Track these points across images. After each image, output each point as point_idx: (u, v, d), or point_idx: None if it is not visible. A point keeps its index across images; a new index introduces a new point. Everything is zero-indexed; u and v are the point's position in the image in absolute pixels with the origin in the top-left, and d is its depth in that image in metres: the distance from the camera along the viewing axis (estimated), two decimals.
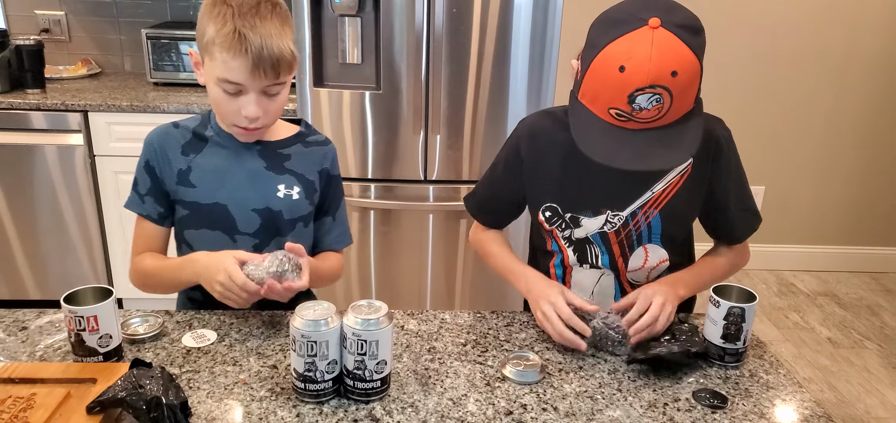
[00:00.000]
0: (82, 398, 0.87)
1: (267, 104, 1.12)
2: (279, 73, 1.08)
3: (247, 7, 1.06)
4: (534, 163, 1.25)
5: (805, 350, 2.68)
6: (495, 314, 1.22)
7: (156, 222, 1.20)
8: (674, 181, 1.18)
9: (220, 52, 1.06)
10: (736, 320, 1.04)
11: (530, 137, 1.26)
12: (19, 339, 1.08)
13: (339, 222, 1.31)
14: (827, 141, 3.21)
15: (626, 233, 1.21)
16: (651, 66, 0.97)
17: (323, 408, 0.93)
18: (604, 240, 1.22)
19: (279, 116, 1.19)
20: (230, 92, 1.09)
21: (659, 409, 0.96)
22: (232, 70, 1.07)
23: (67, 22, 2.82)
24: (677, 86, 0.99)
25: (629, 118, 1.02)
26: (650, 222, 1.20)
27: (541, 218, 1.26)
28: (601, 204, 1.20)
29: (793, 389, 1.02)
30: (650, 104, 1.00)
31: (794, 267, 3.33)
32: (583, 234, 1.23)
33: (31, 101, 2.35)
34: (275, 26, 1.07)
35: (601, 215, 1.20)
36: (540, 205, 1.25)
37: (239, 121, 1.12)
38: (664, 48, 0.97)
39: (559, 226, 1.24)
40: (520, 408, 0.95)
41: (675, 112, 1.02)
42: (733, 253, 1.28)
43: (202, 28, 1.09)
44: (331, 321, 0.92)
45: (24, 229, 2.49)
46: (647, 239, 1.21)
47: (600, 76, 1.02)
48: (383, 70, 2.27)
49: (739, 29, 3.02)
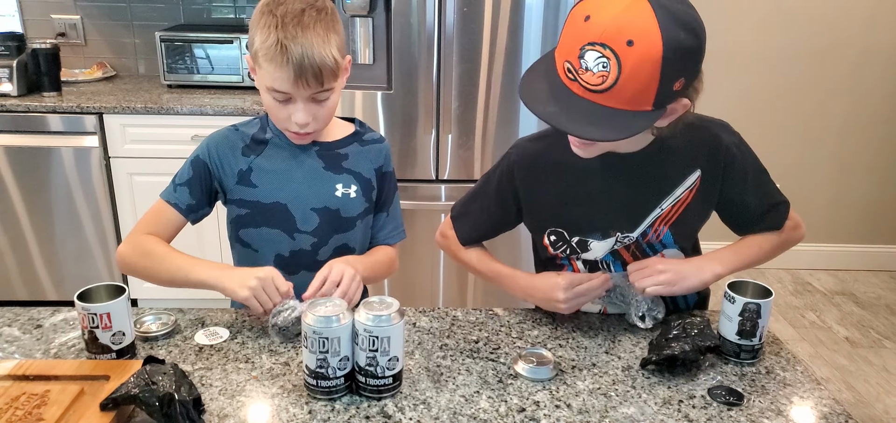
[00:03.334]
0: (95, 395, 0.87)
1: (316, 110, 1.13)
2: (323, 81, 1.09)
3: (291, 16, 1.07)
4: (532, 191, 1.20)
5: (822, 350, 2.64)
6: (507, 312, 1.21)
7: (181, 212, 1.20)
8: (683, 197, 1.14)
9: (264, 63, 1.09)
10: (751, 316, 1.03)
11: (525, 164, 1.20)
12: (34, 337, 1.09)
13: (392, 218, 1.33)
14: (843, 138, 3.16)
15: (637, 246, 1.18)
16: (610, 24, 0.89)
17: (335, 405, 0.93)
18: (616, 256, 1.19)
19: (331, 119, 1.21)
20: (279, 100, 1.12)
21: (674, 406, 0.95)
22: (277, 80, 1.09)
23: (83, 26, 2.86)
24: (629, 59, 0.89)
25: (575, 78, 0.94)
26: (661, 238, 1.17)
27: (545, 242, 1.21)
28: (610, 227, 1.16)
29: (810, 386, 1.01)
30: (596, 67, 0.91)
31: (811, 266, 3.29)
32: (592, 257, 1.19)
33: (48, 103, 2.38)
34: (318, 35, 1.08)
35: (611, 236, 1.16)
36: (543, 230, 1.21)
37: (290, 126, 1.15)
38: (633, 15, 0.89)
39: (563, 251, 1.20)
40: (533, 405, 0.94)
41: (621, 93, 0.91)
42: (783, 231, 1.21)
43: (251, 37, 1.12)
44: (342, 318, 0.92)
45: (41, 231, 2.52)
46: (662, 247, 1.19)
47: (569, 23, 0.96)
48: (395, 70, 2.27)
49: (754, 25, 2.98)
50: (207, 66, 2.61)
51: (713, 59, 3.36)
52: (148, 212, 1.21)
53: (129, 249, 1.17)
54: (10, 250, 2.54)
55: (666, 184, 1.14)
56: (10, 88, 2.41)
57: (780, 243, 1.22)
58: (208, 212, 1.25)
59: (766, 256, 1.21)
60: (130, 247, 1.17)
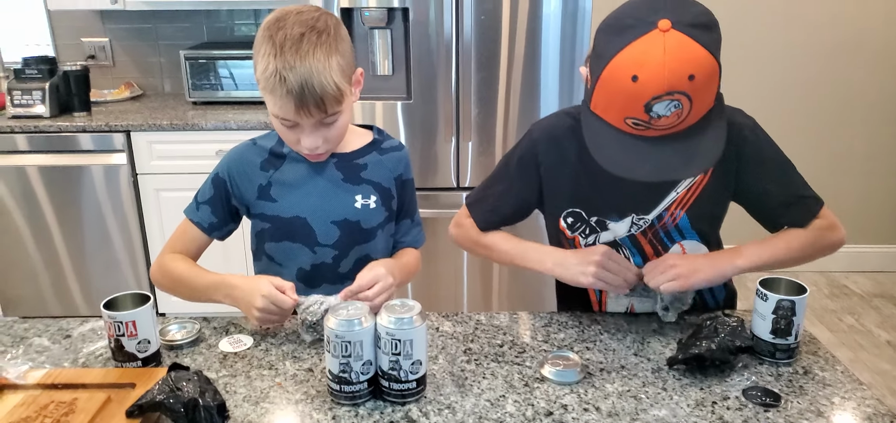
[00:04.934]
0: (122, 402, 0.88)
1: (325, 133, 1.11)
2: (326, 109, 1.06)
3: (290, 42, 1.03)
4: (554, 166, 1.20)
5: (863, 354, 2.55)
6: (532, 315, 1.19)
7: (204, 231, 1.21)
8: (697, 180, 1.14)
9: (265, 93, 1.07)
10: (786, 314, 0.99)
11: (549, 139, 1.20)
12: (63, 346, 1.10)
13: (416, 223, 1.33)
14: (872, 135, 3.07)
15: (654, 233, 1.17)
16: (666, 72, 0.91)
17: (358, 410, 0.92)
18: (633, 242, 1.18)
19: (342, 139, 1.18)
20: (286, 126, 1.10)
21: (707, 407, 0.92)
22: (280, 107, 1.07)
23: (111, 48, 2.93)
24: (696, 89, 0.93)
25: (647, 127, 0.97)
26: (678, 222, 1.16)
27: (562, 225, 1.21)
28: (627, 207, 1.16)
29: (852, 386, 0.96)
30: (669, 111, 0.94)
31: (845, 268, 3.19)
32: (610, 237, 1.18)
33: (78, 123, 2.44)
34: (318, 60, 1.03)
35: (627, 217, 1.17)
36: (561, 211, 1.20)
37: (301, 150, 1.14)
38: (678, 52, 0.91)
39: (582, 232, 1.19)
40: (560, 409, 0.92)
41: (695, 114, 0.96)
42: (814, 229, 1.16)
43: (254, 62, 1.09)
44: (364, 321, 0.91)
45: (73, 247, 2.58)
46: (681, 236, 1.17)
47: (612, 87, 0.96)
48: (414, 80, 2.28)
49: (776, 22, 2.93)
50: (231, 82, 2.65)
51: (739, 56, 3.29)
52: (176, 230, 1.24)
53: (156, 269, 1.22)
54: (43, 267, 2.60)
55: None
56: (43, 110, 2.48)
57: (811, 241, 1.16)
58: (235, 227, 1.26)
59: (797, 256, 1.15)
60: (158, 267, 1.21)
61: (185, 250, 1.22)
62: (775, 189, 1.16)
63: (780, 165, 1.16)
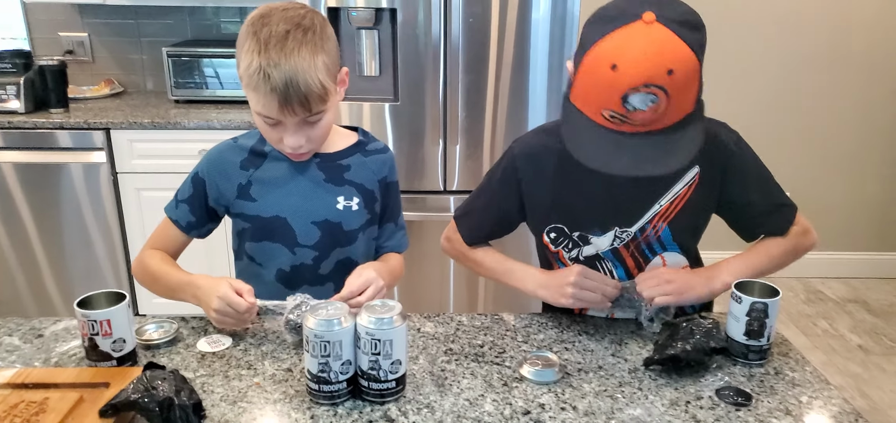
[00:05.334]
0: (95, 402, 0.86)
1: (309, 132, 1.10)
2: (310, 107, 1.05)
3: (274, 40, 1.02)
4: (534, 184, 1.20)
5: (835, 358, 2.59)
6: (513, 316, 1.20)
7: (182, 230, 1.21)
8: (682, 193, 1.14)
9: (248, 90, 1.06)
10: (759, 316, 1.01)
11: (527, 157, 1.20)
12: (35, 346, 1.08)
13: (400, 227, 1.32)
14: (855, 144, 3.13)
15: (636, 245, 1.17)
16: (645, 62, 0.91)
17: (337, 410, 0.92)
18: (616, 255, 1.19)
19: (326, 139, 1.17)
20: (269, 124, 1.09)
21: (681, 407, 0.93)
22: (262, 106, 1.06)
23: (90, 43, 2.89)
24: (674, 85, 0.92)
25: (624, 121, 0.96)
26: (660, 234, 1.17)
27: (545, 239, 1.22)
28: (609, 221, 1.16)
29: (820, 386, 0.99)
30: (645, 105, 0.93)
31: (822, 274, 3.24)
32: (592, 251, 1.19)
33: (55, 120, 2.40)
34: (303, 59, 1.02)
35: (610, 231, 1.16)
36: (544, 226, 1.21)
37: (283, 149, 1.13)
38: (659, 44, 0.91)
39: (566, 246, 1.20)
40: (538, 408, 0.93)
41: (672, 114, 0.96)
42: (792, 236, 1.19)
43: (238, 59, 1.07)
44: (344, 321, 0.91)
45: (51, 247, 2.53)
46: (662, 249, 1.18)
47: (591, 75, 0.96)
48: (401, 82, 2.28)
49: (763, 29, 2.97)
50: (216, 81, 2.62)
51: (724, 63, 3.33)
52: (157, 227, 1.24)
53: (136, 265, 1.22)
54: (19, 266, 2.56)
55: (665, 180, 1.13)
56: (17, 105, 2.44)
57: (789, 249, 1.19)
58: (215, 226, 1.25)
59: (777, 263, 1.19)
60: (138, 263, 1.22)
61: (165, 247, 1.22)
62: (758, 199, 1.17)
63: (761, 175, 1.18)
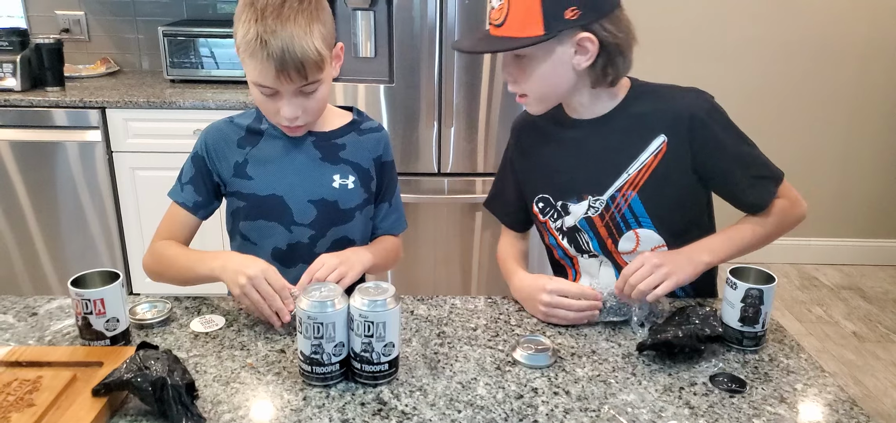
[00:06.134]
0: (88, 380, 0.86)
1: (305, 103, 1.11)
2: (307, 75, 1.06)
3: (271, 8, 1.03)
4: (523, 156, 1.29)
5: (829, 345, 2.61)
6: (507, 300, 1.20)
7: (189, 210, 1.20)
8: (648, 162, 1.15)
9: (246, 58, 1.07)
10: (754, 302, 1.01)
11: (518, 131, 1.31)
12: (29, 324, 1.08)
13: (395, 208, 1.32)
14: (850, 131, 3.13)
15: (610, 216, 1.18)
16: None
17: (330, 391, 0.92)
18: (590, 225, 1.20)
19: (322, 111, 1.18)
20: (266, 94, 1.09)
21: (675, 393, 0.93)
22: (259, 75, 1.06)
23: (87, 22, 2.86)
24: None
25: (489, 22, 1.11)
26: (630, 203, 1.16)
27: (535, 210, 1.26)
28: (582, 189, 1.20)
29: (814, 373, 0.99)
30: (496, 2, 1.08)
31: (817, 260, 3.25)
32: (572, 221, 1.22)
33: (51, 98, 2.38)
34: (299, 26, 1.03)
35: (584, 200, 1.19)
36: (533, 197, 1.26)
37: (280, 120, 1.13)
38: None
39: (552, 216, 1.24)
40: (530, 392, 0.93)
41: (513, 23, 1.06)
42: (778, 211, 1.16)
43: (235, 31, 1.09)
44: (337, 303, 0.90)
45: (46, 225, 2.53)
46: (636, 224, 1.18)
47: None
48: (396, 64, 2.26)
49: (759, 18, 2.95)
50: (212, 61, 2.60)
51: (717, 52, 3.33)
52: (164, 217, 1.22)
53: (148, 258, 1.21)
54: (15, 245, 2.55)
55: (631, 149, 1.16)
56: (13, 83, 2.42)
57: (775, 223, 1.16)
58: (217, 205, 1.25)
59: (764, 237, 1.16)
60: (149, 256, 1.21)
61: (175, 234, 1.21)
62: (739, 170, 1.16)
63: (740, 146, 1.16)
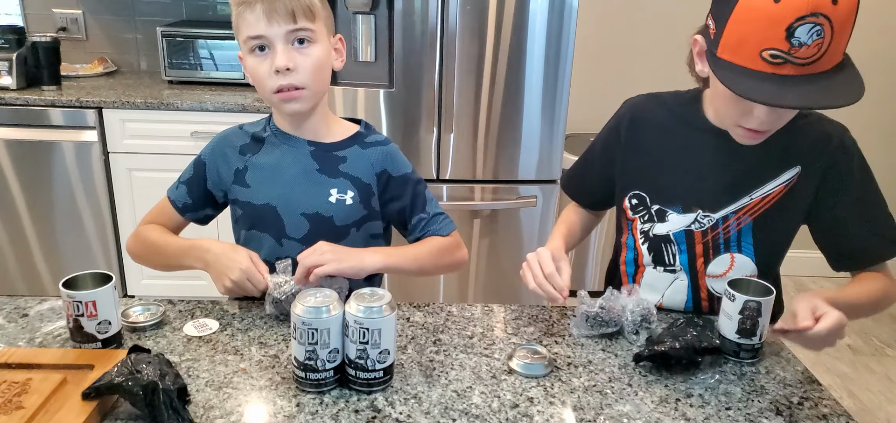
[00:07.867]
0: (78, 383, 0.85)
1: (296, 57, 1.08)
2: (296, 18, 1.06)
3: None
4: (632, 145, 1.21)
5: (823, 357, 2.60)
6: (504, 308, 1.19)
7: (177, 210, 1.22)
8: (777, 190, 1.10)
9: (238, 9, 1.08)
10: (752, 315, 1.00)
11: (633, 118, 1.21)
12: (19, 325, 1.07)
13: (432, 215, 1.23)
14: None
15: (714, 235, 1.14)
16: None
17: (324, 398, 0.91)
18: (687, 238, 1.15)
19: (317, 79, 1.11)
20: (259, 53, 1.09)
21: (671, 404, 0.92)
22: (250, 24, 1.07)
23: (84, 21, 2.85)
24: (838, 16, 0.88)
25: (786, 60, 0.90)
26: (741, 228, 1.13)
27: (625, 204, 1.22)
28: (693, 202, 1.14)
29: (811, 386, 0.98)
30: (810, 38, 0.88)
31: (813, 273, 3.25)
32: (665, 230, 1.17)
33: (47, 97, 2.37)
34: None
35: (691, 212, 1.14)
36: (628, 191, 1.21)
37: (274, 83, 1.08)
38: None
39: (642, 217, 1.19)
40: (526, 401, 0.92)
41: (831, 55, 0.91)
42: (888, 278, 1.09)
43: (232, 15, 1.11)
44: (332, 309, 0.90)
45: (41, 225, 2.51)
46: (737, 247, 1.14)
47: (749, 16, 0.90)
48: (397, 68, 2.26)
49: None
50: (210, 63, 2.60)
51: None
52: (155, 205, 1.24)
53: (132, 239, 1.22)
54: (9, 244, 2.53)
55: (763, 174, 1.11)
56: (9, 82, 2.41)
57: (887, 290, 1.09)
58: (213, 213, 1.25)
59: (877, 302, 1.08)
60: (133, 238, 1.21)
61: (160, 224, 1.22)
62: (857, 218, 1.10)
63: (870, 193, 1.11)
